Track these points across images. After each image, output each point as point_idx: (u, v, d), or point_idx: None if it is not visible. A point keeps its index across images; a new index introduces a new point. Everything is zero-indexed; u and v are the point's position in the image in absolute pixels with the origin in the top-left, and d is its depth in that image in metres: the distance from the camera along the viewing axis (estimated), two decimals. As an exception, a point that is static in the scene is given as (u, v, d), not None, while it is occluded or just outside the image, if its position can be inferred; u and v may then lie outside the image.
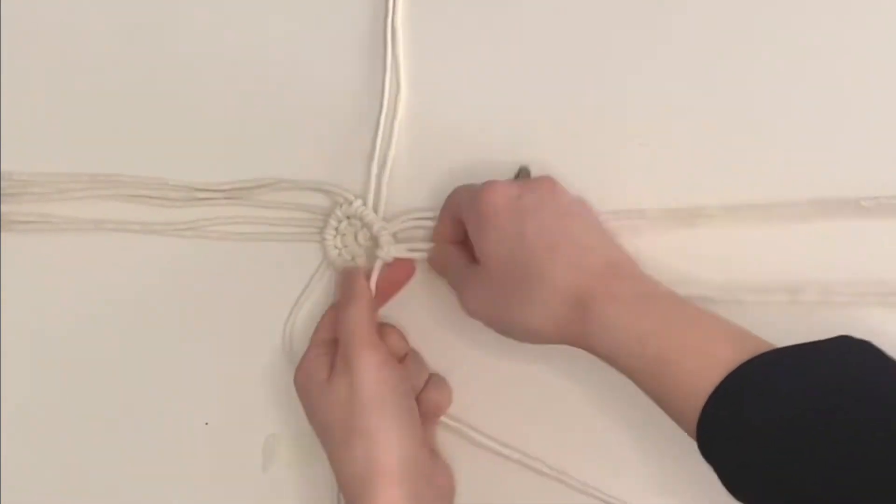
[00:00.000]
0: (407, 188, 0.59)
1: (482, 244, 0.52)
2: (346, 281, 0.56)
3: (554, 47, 0.58)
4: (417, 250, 0.58)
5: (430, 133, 0.59)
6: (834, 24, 0.54)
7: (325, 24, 0.61)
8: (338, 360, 0.53)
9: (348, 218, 0.59)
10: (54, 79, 0.64)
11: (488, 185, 0.52)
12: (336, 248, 0.60)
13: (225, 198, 0.62)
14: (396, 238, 0.59)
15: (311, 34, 0.61)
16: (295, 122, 0.61)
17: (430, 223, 0.58)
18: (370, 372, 0.52)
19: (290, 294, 0.61)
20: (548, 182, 0.53)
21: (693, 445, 0.46)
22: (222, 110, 0.62)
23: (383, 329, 0.57)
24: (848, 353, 0.45)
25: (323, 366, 0.54)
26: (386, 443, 0.51)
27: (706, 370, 0.45)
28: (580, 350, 0.50)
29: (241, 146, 0.62)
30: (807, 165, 0.54)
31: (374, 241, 0.59)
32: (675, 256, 0.54)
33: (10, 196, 0.63)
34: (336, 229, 0.60)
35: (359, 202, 0.59)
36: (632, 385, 0.48)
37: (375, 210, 0.59)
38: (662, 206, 0.55)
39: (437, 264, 0.57)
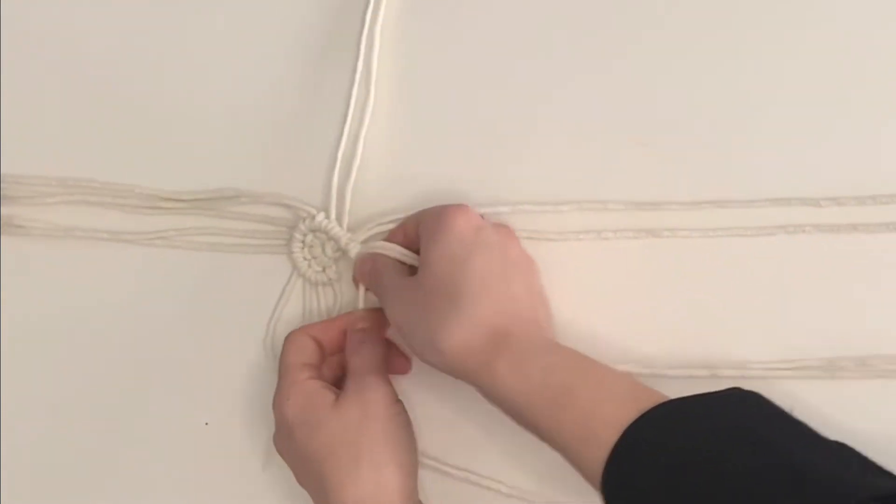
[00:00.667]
0: (375, 197, 0.59)
1: (428, 254, 0.53)
2: (364, 314, 0.58)
3: (527, 55, 0.58)
4: None
5: (401, 142, 0.59)
6: (815, 28, 0.56)
7: (298, 34, 0.60)
8: (350, 385, 0.55)
9: (313, 231, 0.59)
10: (35, 83, 0.63)
11: (459, 205, 0.55)
12: (305, 259, 0.60)
13: (189, 208, 0.61)
14: (364, 245, 0.58)
15: (281, 45, 0.60)
16: (264, 131, 0.61)
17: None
18: (383, 405, 0.54)
19: (264, 301, 0.61)
20: (507, 230, 0.56)
21: None
22: (196, 118, 0.61)
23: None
24: (738, 402, 0.47)
25: (327, 390, 0.55)
26: (392, 474, 0.53)
27: (603, 423, 0.47)
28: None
29: (210, 155, 0.61)
30: (771, 167, 0.55)
31: (343, 253, 0.59)
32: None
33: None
34: (303, 242, 0.59)
35: (321, 216, 0.58)
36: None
37: (339, 221, 0.58)
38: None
39: (378, 263, 0.57)
